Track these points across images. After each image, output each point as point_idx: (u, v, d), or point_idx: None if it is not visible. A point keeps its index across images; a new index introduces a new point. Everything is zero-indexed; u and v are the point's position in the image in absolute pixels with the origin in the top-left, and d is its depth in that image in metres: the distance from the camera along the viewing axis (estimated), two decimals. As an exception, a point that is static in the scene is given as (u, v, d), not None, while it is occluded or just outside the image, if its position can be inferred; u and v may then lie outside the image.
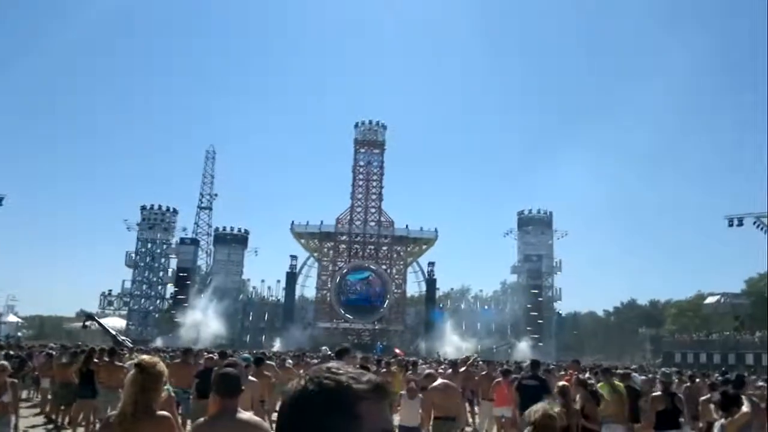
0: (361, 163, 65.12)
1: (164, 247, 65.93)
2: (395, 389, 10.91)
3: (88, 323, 45.93)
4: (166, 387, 4.27)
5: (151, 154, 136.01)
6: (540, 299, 63.61)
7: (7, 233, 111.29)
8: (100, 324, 44.99)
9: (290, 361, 19.90)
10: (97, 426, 11.72)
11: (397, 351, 40.95)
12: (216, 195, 68.81)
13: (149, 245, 65.10)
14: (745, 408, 6.35)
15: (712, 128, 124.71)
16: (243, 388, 4.36)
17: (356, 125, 65.54)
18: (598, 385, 12.42)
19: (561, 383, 10.49)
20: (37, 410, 15.24)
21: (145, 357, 4.08)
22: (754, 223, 50.19)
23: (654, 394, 8.61)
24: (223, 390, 3.78)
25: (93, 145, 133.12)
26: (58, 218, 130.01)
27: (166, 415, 3.80)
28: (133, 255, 64.11)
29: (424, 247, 65.02)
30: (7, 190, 53.36)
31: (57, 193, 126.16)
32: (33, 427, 13.88)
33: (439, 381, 8.98)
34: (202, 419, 4.00)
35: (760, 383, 16.38)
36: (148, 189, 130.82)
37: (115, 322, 59.00)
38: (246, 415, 3.81)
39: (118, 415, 3.70)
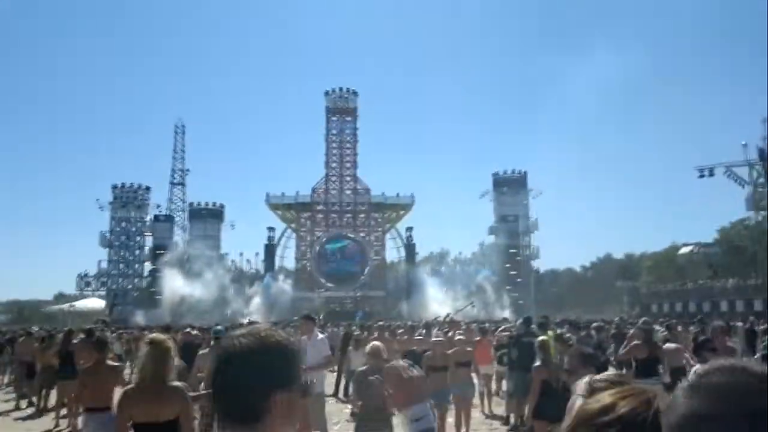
0: (334, 132, 64.58)
1: (139, 225, 65.16)
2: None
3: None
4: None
5: (119, 132, 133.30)
6: (518, 258, 64.34)
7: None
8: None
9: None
10: (80, 408, 11.65)
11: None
12: (188, 170, 68.04)
13: (123, 224, 64.25)
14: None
15: (682, 78, 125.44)
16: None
17: (326, 93, 64.80)
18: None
19: (540, 338, 10.70)
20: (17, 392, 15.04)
21: (155, 334, 4.70)
22: (725, 173, 50.99)
23: (634, 342, 8.74)
24: None
25: (58, 126, 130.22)
26: (28, 201, 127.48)
27: (179, 385, 4.30)
28: (108, 234, 63.26)
29: (401, 212, 65.08)
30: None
31: (23, 175, 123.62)
32: (15, 410, 13.78)
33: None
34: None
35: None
36: (119, 167, 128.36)
37: (94, 303, 58.62)
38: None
39: (136, 386, 4.22)
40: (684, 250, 61.50)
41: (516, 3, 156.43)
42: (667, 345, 10.42)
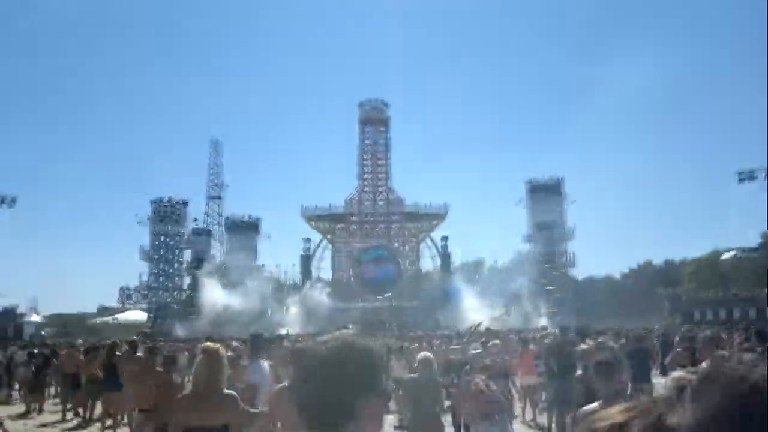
0: (367, 142, 65.05)
1: (177, 238, 66.35)
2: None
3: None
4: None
5: (156, 146, 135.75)
6: (555, 266, 63.63)
7: (23, 234, 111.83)
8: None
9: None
10: (125, 418, 11.88)
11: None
12: (227, 185, 68.97)
13: (162, 237, 65.51)
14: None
15: (720, 81, 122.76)
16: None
17: (360, 104, 65.36)
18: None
19: (581, 347, 10.58)
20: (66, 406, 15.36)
21: (209, 344, 4.89)
22: (766, 176, 49.77)
23: (678, 350, 8.60)
24: None
25: (96, 141, 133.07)
26: (69, 215, 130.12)
27: (232, 393, 4.52)
28: (148, 248, 64.59)
29: (435, 222, 65.06)
30: (18, 191, 53.79)
31: (63, 190, 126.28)
32: (62, 422, 14.09)
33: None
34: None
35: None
36: (157, 181, 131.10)
37: (136, 316, 59.93)
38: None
39: (190, 393, 4.45)
40: (726, 255, 60.04)
41: (542, 6, 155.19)
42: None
